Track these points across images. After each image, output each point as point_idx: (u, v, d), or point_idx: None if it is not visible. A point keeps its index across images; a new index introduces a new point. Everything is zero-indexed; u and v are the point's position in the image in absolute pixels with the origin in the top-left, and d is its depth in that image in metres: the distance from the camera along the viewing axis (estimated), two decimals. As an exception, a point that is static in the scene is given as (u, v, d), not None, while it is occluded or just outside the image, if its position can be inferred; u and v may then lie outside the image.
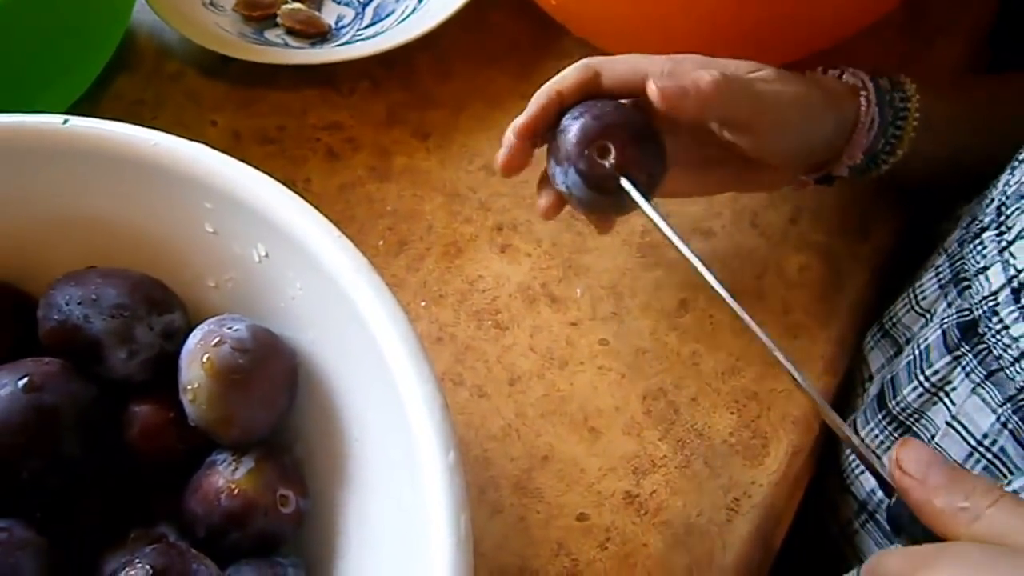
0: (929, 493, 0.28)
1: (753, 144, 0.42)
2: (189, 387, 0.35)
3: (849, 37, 0.53)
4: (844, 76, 0.45)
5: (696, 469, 0.45)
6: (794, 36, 0.52)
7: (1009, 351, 0.37)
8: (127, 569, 0.30)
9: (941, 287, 0.44)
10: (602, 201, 0.40)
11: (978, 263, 0.40)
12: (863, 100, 0.44)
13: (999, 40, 0.64)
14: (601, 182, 0.39)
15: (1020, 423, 0.38)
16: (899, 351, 0.48)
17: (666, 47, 0.55)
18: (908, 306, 0.46)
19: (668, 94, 0.38)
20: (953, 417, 0.41)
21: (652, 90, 0.38)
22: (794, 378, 0.34)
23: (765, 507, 0.44)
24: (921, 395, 0.43)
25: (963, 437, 0.40)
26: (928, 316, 0.45)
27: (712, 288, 0.37)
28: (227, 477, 0.35)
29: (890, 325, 0.48)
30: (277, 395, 0.36)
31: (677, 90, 0.38)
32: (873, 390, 0.47)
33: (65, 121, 0.35)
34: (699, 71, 0.39)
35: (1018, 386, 0.37)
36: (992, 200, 0.41)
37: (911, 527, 0.30)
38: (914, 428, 0.44)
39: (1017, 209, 0.38)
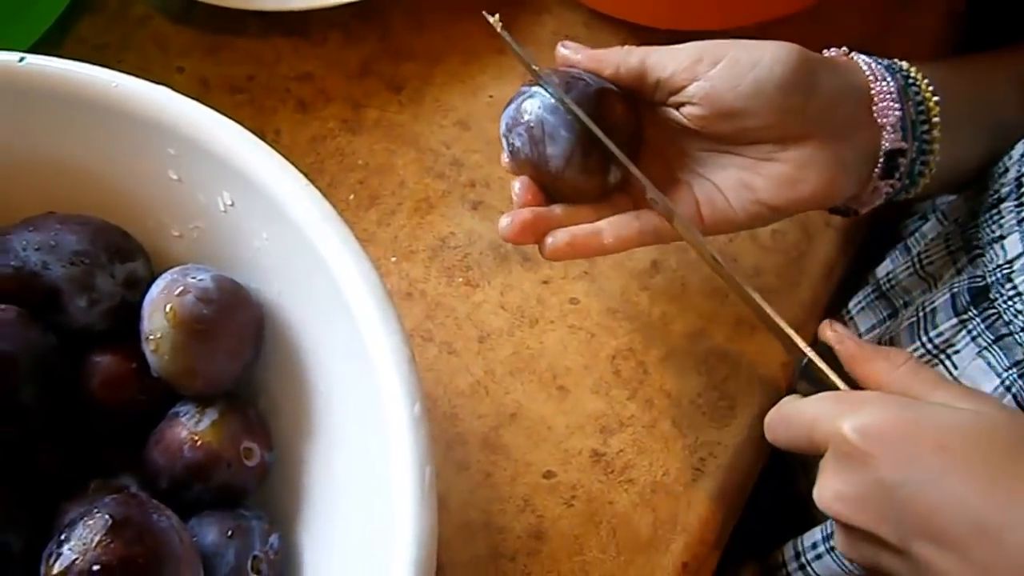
0: (858, 348, 0.35)
1: (702, 96, 0.37)
2: (151, 337, 0.34)
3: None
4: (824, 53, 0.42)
5: (663, 429, 0.45)
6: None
7: (1020, 317, 0.38)
8: (86, 519, 0.30)
9: (950, 253, 0.44)
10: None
11: (994, 232, 0.40)
12: (858, 58, 0.40)
13: (976, 14, 0.64)
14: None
15: (1023, 388, 0.38)
16: (894, 313, 0.48)
17: (645, 5, 0.54)
18: (911, 269, 0.46)
19: (570, 45, 0.41)
20: (955, 379, 0.41)
21: (558, 47, 0.41)
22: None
23: (731, 468, 0.44)
24: (922, 356, 0.43)
25: None
26: (932, 281, 0.45)
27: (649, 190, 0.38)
28: (190, 429, 0.35)
29: (888, 287, 0.48)
30: (242, 346, 0.35)
31: (579, 47, 0.41)
32: None
33: (22, 59, 0.33)
34: None
35: None
36: (1007, 171, 0.40)
37: (821, 386, 0.36)
38: None
39: None
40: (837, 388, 0.35)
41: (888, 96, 0.39)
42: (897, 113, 0.39)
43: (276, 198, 0.32)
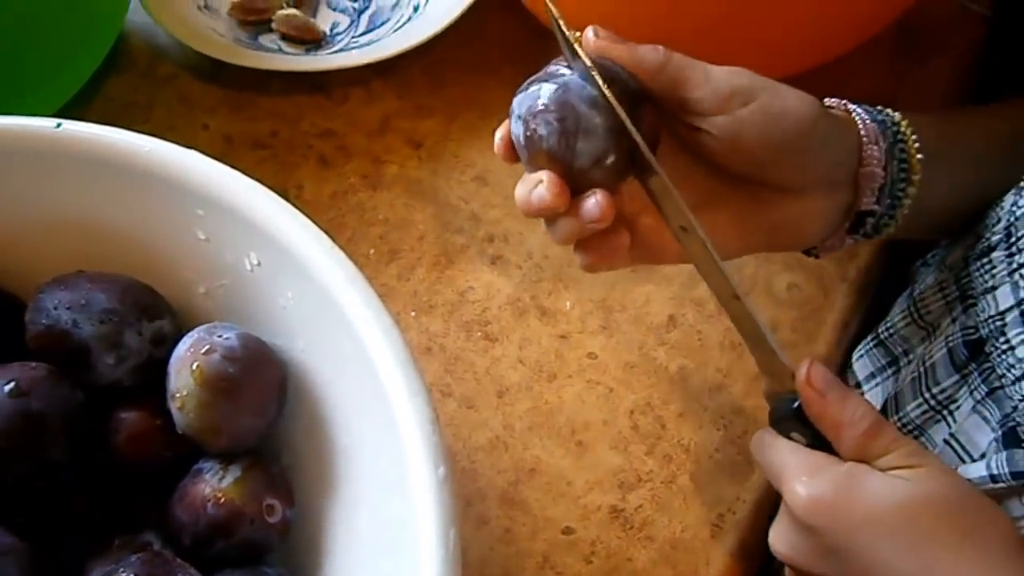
0: (826, 406, 0.36)
1: (725, 131, 0.36)
2: (177, 395, 0.34)
3: (843, 55, 0.53)
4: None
5: (682, 484, 0.45)
6: (788, 51, 0.52)
7: (1012, 371, 0.38)
8: (111, 577, 0.30)
9: (947, 303, 0.44)
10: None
11: (986, 282, 0.40)
12: (855, 115, 0.41)
13: (989, 62, 0.65)
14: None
15: (1001, 437, 0.39)
16: (893, 360, 0.48)
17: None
18: (909, 319, 0.46)
19: (602, 32, 0.36)
20: (951, 435, 0.41)
21: (588, 33, 0.36)
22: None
23: (749, 523, 0.44)
24: (925, 412, 0.43)
25: (959, 456, 0.41)
26: (931, 330, 0.45)
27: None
28: (213, 485, 0.35)
29: (886, 335, 0.48)
30: (266, 404, 0.36)
31: (614, 35, 0.36)
32: (874, 404, 0.47)
33: (58, 125, 0.35)
34: None
35: (1013, 404, 0.38)
36: (999, 220, 0.41)
37: (798, 427, 0.37)
38: None
39: None
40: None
41: (875, 161, 0.39)
42: (880, 180, 0.40)
43: (302, 260, 0.33)
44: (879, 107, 0.42)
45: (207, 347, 0.34)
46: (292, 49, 0.59)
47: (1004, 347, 0.38)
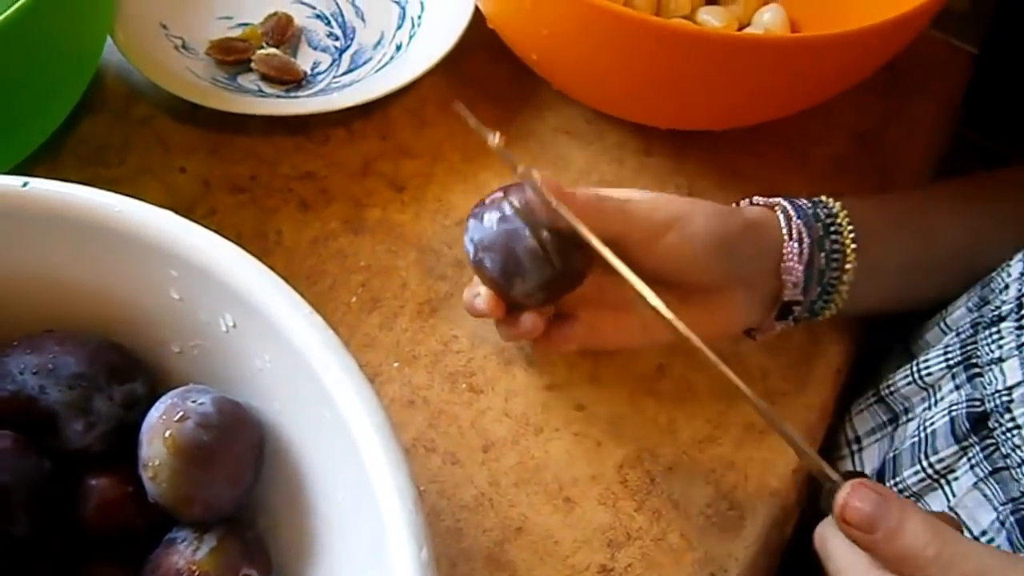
0: (872, 544, 0.33)
1: (650, 261, 0.41)
2: (150, 464, 0.33)
3: (830, 98, 0.53)
4: (755, 200, 0.46)
5: (672, 542, 0.43)
6: (773, 100, 0.52)
7: (1018, 451, 0.37)
8: (77, 664, 0.28)
9: (949, 367, 0.44)
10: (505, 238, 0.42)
11: (993, 352, 0.40)
12: (780, 213, 0.44)
13: (973, 101, 0.65)
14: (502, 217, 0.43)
15: (1015, 525, 0.37)
16: (893, 417, 0.47)
17: (648, 107, 0.55)
18: (910, 378, 0.46)
19: (549, 184, 0.40)
20: (951, 508, 0.40)
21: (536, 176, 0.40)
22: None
23: (742, 582, 0.43)
24: (922, 479, 0.42)
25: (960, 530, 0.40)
26: (931, 391, 0.44)
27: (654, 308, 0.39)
28: (187, 557, 0.34)
29: (887, 392, 0.48)
30: (243, 472, 0.34)
31: (554, 185, 0.40)
32: (870, 463, 0.47)
33: (25, 184, 0.33)
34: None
35: (1021, 490, 0.37)
36: (1007, 287, 0.40)
37: None
38: None
39: None
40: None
41: (794, 258, 0.43)
42: (799, 274, 0.43)
43: (278, 324, 0.32)
44: (818, 198, 0.45)
45: (180, 414, 0.33)
46: (272, 89, 0.58)
47: (1009, 424, 0.37)
